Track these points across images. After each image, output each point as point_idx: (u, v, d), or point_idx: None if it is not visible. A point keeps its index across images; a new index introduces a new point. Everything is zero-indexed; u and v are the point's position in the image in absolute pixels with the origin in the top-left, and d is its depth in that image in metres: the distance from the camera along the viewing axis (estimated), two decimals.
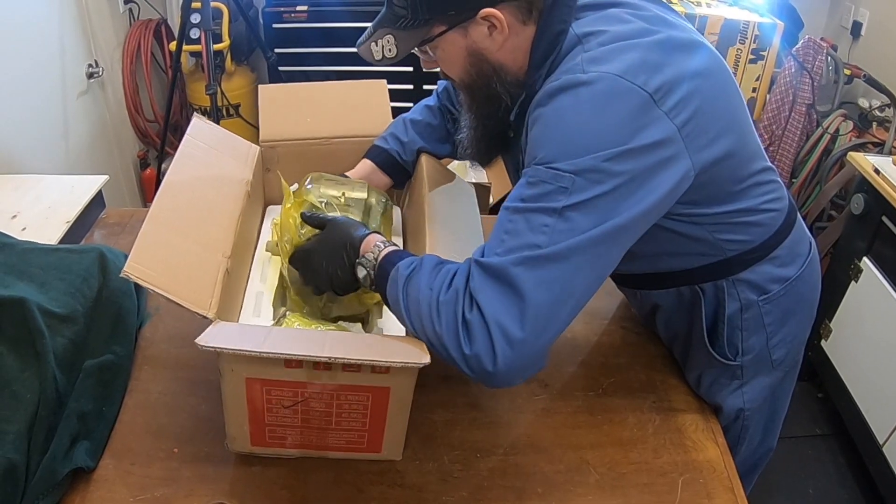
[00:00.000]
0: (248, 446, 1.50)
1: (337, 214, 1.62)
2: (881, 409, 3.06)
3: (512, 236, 1.25)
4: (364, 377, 1.34)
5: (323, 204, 1.68)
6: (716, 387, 1.73)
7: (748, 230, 1.51)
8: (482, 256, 1.27)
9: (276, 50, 3.94)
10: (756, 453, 1.91)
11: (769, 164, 1.52)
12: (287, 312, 1.58)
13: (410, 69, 4.02)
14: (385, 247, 1.45)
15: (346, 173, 1.88)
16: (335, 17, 3.89)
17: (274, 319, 1.60)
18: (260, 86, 1.88)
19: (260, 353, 1.24)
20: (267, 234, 1.84)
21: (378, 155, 1.91)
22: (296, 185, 1.75)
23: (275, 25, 3.93)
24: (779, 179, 1.55)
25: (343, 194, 1.73)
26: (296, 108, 1.87)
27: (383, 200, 1.79)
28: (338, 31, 3.91)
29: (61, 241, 2.09)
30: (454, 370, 1.25)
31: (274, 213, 1.91)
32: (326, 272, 1.52)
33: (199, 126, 1.77)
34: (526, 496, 1.51)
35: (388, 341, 1.30)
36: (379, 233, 1.54)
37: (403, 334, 1.44)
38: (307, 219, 1.62)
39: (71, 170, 3.31)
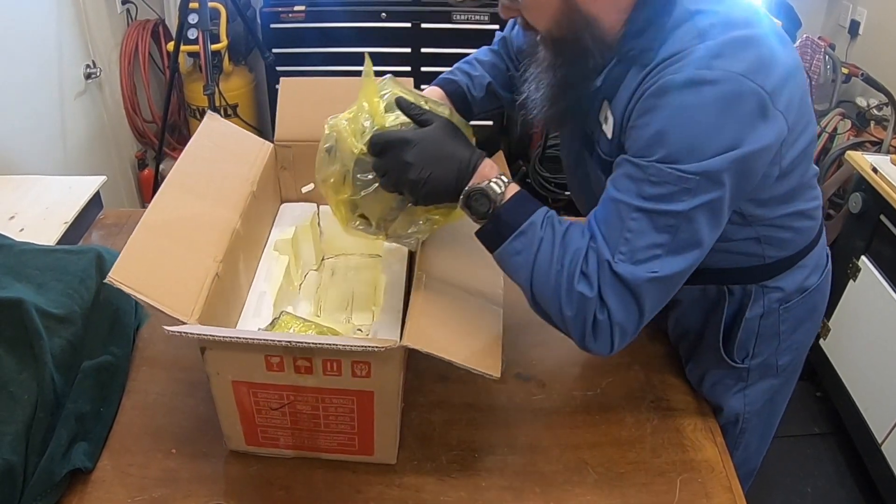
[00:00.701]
0: (243, 445, 1.51)
1: (443, 115, 1.45)
2: (880, 407, 3.07)
3: (636, 236, 1.26)
4: (346, 381, 1.33)
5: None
6: (720, 388, 1.74)
7: (792, 236, 1.51)
8: (610, 256, 1.27)
9: (274, 50, 3.95)
10: (752, 459, 1.92)
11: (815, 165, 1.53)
12: (283, 314, 1.57)
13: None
14: (508, 183, 1.36)
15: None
16: (333, 16, 3.90)
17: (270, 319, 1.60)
18: (282, 79, 1.86)
19: (214, 336, 1.24)
20: (277, 233, 1.83)
21: (449, 84, 1.79)
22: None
23: (272, 25, 3.93)
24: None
25: (427, 103, 1.48)
26: (315, 105, 1.84)
27: (465, 124, 1.53)
28: (336, 30, 3.92)
29: (59, 242, 2.09)
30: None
31: (288, 210, 1.91)
32: (423, 172, 1.34)
33: (210, 125, 1.76)
34: (524, 496, 1.50)
35: (367, 342, 1.26)
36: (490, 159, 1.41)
37: (396, 338, 1.43)
38: (405, 106, 1.43)
39: (69, 170, 3.32)
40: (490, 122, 4.37)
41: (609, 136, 1.39)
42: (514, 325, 1.76)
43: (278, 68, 3.93)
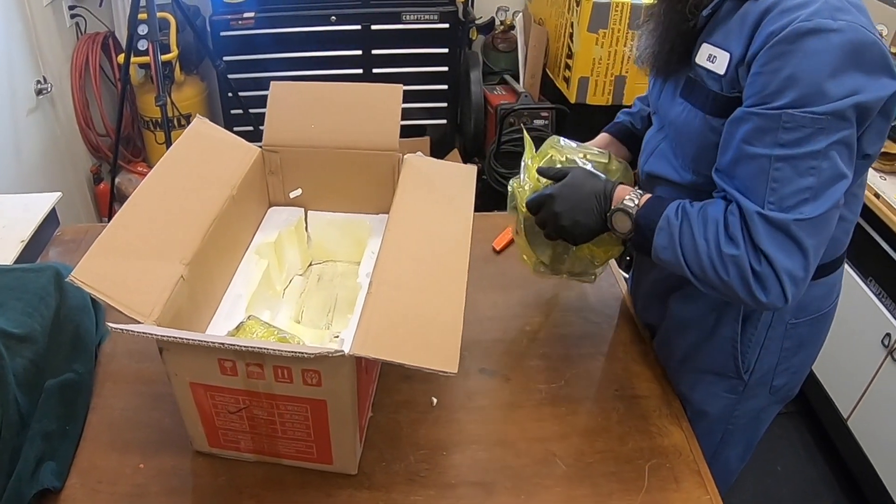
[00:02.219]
0: (206, 446, 1.51)
1: (578, 167, 1.66)
2: (843, 384, 3.11)
3: (782, 184, 1.31)
4: (297, 388, 1.33)
5: (567, 161, 1.73)
6: (710, 396, 1.75)
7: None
8: (760, 207, 1.33)
9: (226, 58, 3.93)
10: (730, 474, 1.94)
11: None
12: (249, 318, 1.57)
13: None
14: (641, 195, 1.52)
15: (587, 144, 1.91)
16: (283, 22, 3.91)
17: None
18: (272, 83, 1.85)
19: (159, 336, 1.23)
20: (261, 237, 1.83)
21: (612, 126, 1.99)
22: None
23: (223, 33, 3.92)
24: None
25: (585, 155, 1.75)
26: (304, 110, 1.84)
27: (622, 167, 1.78)
28: (286, 35, 3.93)
29: (16, 261, 2.07)
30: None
31: (275, 214, 1.90)
32: (571, 217, 1.56)
33: (197, 128, 1.74)
34: (494, 491, 1.51)
35: (313, 350, 1.26)
36: (624, 183, 1.60)
37: (368, 347, 1.42)
38: (543, 172, 1.67)
39: (24, 188, 3.29)
40: (444, 121, 4.40)
41: (721, 72, 1.42)
42: (476, 322, 1.76)
43: (230, 76, 3.92)
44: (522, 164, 1.76)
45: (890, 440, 2.87)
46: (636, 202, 1.50)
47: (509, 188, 1.77)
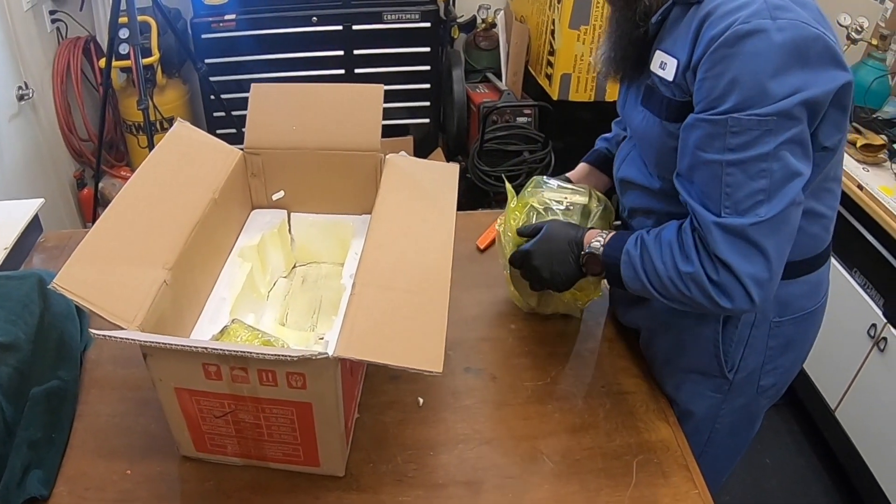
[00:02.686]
0: (193, 451, 1.51)
1: (549, 219, 1.75)
2: (830, 375, 3.12)
3: (735, 189, 1.33)
4: (282, 391, 1.33)
5: (545, 210, 1.80)
6: (696, 395, 1.75)
7: (803, 238, 1.52)
8: (716, 216, 1.35)
9: (207, 60, 3.92)
10: (719, 475, 1.94)
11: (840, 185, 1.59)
12: (234, 321, 1.56)
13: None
14: (607, 235, 1.60)
15: (568, 175, 2.00)
16: (264, 23, 3.90)
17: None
18: (253, 85, 1.85)
19: (142, 341, 1.24)
20: (245, 239, 1.82)
21: (591, 155, 2.04)
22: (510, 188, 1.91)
23: (204, 36, 3.91)
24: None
25: (565, 198, 1.83)
26: (285, 112, 1.84)
27: (602, 205, 1.84)
28: (268, 37, 3.92)
29: (0, 269, 2.06)
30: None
31: (258, 217, 1.90)
32: (549, 269, 1.66)
33: (177, 132, 1.73)
34: (482, 490, 1.51)
35: (296, 353, 1.27)
36: (594, 228, 1.69)
37: (352, 348, 1.42)
38: (521, 232, 1.75)
39: (6, 195, 3.27)
40: (427, 120, 4.40)
41: (670, 78, 1.43)
42: (461, 321, 1.76)
43: (212, 78, 3.91)
44: (506, 207, 1.85)
45: (877, 430, 2.88)
46: (601, 242, 1.59)
47: (497, 227, 1.88)
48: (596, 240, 1.59)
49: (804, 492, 3.21)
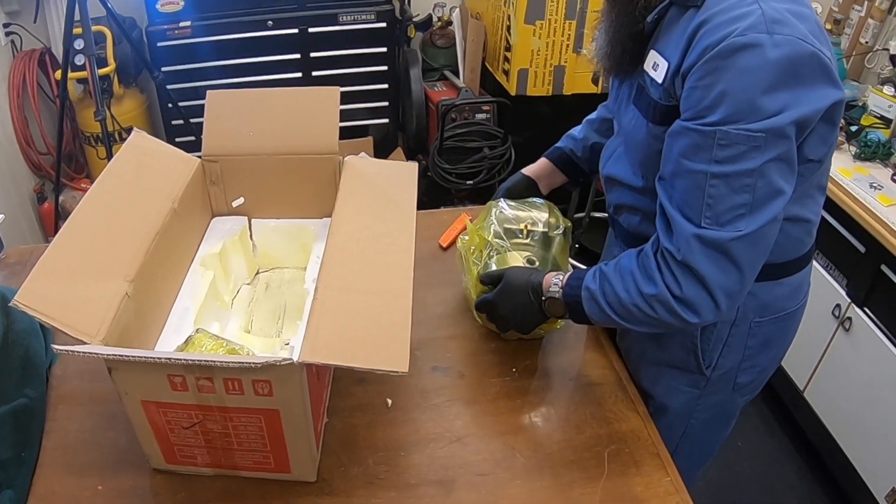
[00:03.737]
0: (163, 464, 1.50)
1: (510, 266, 1.75)
2: (798, 357, 3.15)
3: (717, 201, 1.33)
4: (249, 399, 1.32)
5: (503, 248, 1.82)
6: (672, 390, 1.77)
7: (783, 241, 1.52)
8: (696, 227, 1.35)
9: (165, 68, 3.90)
10: (694, 469, 1.96)
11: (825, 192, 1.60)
12: (198, 331, 1.56)
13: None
14: (564, 276, 1.62)
15: (525, 171, 2.04)
16: (220, 29, 3.88)
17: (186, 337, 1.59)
18: (209, 92, 1.83)
19: (105, 355, 1.24)
20: (206, 248, 1.81)
21: (553, 152, 2.06)
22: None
23: (160, 44, 3.89)
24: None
25: (525, 228, 1.85)
26: (242, 118, 1.83)
27: (561, 229, 1.88)
28: (224, 43, 3.91)
29: None
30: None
31: (219, 224, 1.88)
32: (514, 318, 1.69)
33: (134, 143, 1.72)
34: (455, 488, 1.51)
35: (259, 360, 1.26)
36: (552, 271, 1.68)
37: (316, 353, 1.41)
38: (484, 280, 1.76)
39: None
40: (386, 120, 4.39)
41: (660, 80, 1.42)
42: (427, 319, 1.76)
43: (170, 86, 3.88)
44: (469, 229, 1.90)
45: (846, 408, 2.91)
46: (559, 285, 1.61)
47: (459, 247, 1.92)
48: (554, 283, 1.61)
49: (777, 473, 3.24)
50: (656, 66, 1.43)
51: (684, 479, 1.57)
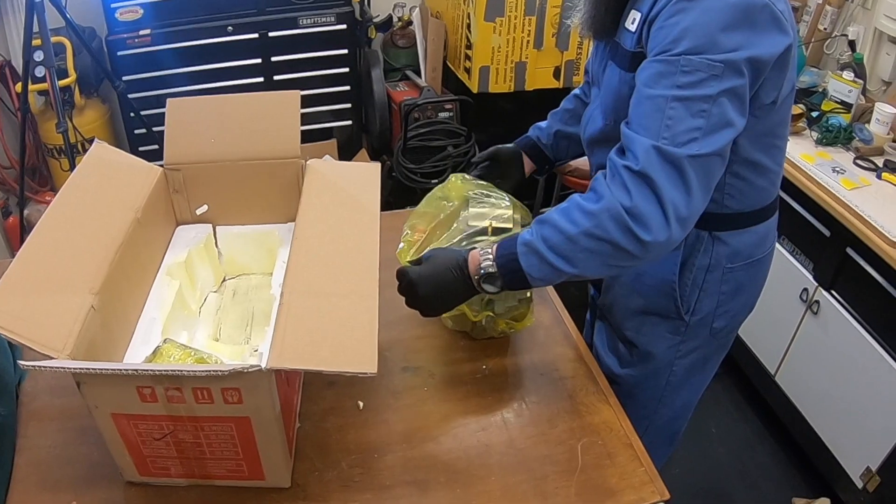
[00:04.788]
0: (137, 476, 1.49)
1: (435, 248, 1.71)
2: (768, 342, 3.18)
3: (675, 122, 1.39)
4: (219, 408, 1.32)
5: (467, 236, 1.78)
6: (655, 337, 1.83)
7: (750, 190, 1.63)
8: (655, 141, 1.39)
9: (126, 77, 3.87)
10: (677, 420, 1.98)
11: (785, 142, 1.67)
12: (166, 341, 1.55)
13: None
14: (492, 247, 1.57)
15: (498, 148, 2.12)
16: (179, 36, 3.86)
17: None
18: (169, 100, 1.83)
19: (72, 369, 1.24)
20: (171, 257, 1.80)
21: (522, 140, 2.16)
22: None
23: (120, 53, 3.85)
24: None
25: (491, 225, 1.80)
26: (203, 125, 1.82)
27: (524, 224, 1.87)
28: (184, 50, 3.88)
29: None
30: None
31: (183, 233, 1.87)
32: (436, 297, 1.61)
33: (96, 153, 1.71)
34: (430, 487, 1.52)
35: (226, 368, 1.25)
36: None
37: (284, 358, 1.41)
38: (412, 262, 1.69)
39: None
40: (349, 122, 4.39)
41: (633, 29, 1.54)
42: (395, 321, 1.76)
43: (131, 95, 3.86)
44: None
45: (817, 389, 2.95)
46: (491, 255, 1.55)
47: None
48: (484, 257, 1.56)
49: (751, 456, 3.26)
50: (634, 21, 1.54)
51: (669, 436, 1.59)
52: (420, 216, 1.91)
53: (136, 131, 4.01)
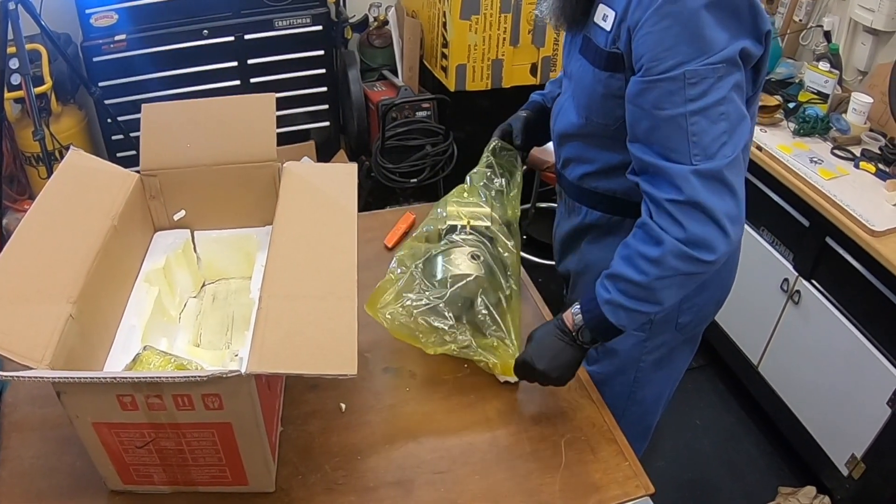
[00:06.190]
0: (120, 484, 1.49)
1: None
2: (750, 333, 3.19)
3: (701, 136, 1.39)
4: (200, 414, 1.32)
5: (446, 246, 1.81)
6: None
7: None
8: (688, 166, 1.40)
9: (103, 83, 3.85)
10: (647, 416, 1.98)
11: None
12: (145, 348, 1.54)
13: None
14: (575, 306, 1.60)
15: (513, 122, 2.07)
16: (155, 41, 3.83)
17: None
18: (144, 105, 1.81)
19: (43, 378, 1.23)
20: (150, 263, 1.79)
21: (529, 105, 2.11)
22: None
23: (96, 59, 3.83)
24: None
25: (468, 222, 1.87)
26: (178, 130, 1.81)
27: (503, 221, 1.92)
28: (160, 54, 3.86)
29: None
30: (320, 378, 1.25)
31: (161, 239, 1.86)
32: (553, 367, 1.59)
33: (71, 161, 1.70)
34: (414, 488, 1.52)
35: (205, 373, 1.25)
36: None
37: (264, 363, 1.41)
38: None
39: None
40: (327, 123, 4.38)
41: (608, 28, 1.52)
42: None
43: (108, 101, 3.83)
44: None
45: (799, 378, 2.97)
46: (579, 312, 1.58)
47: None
48: (575, 317, 1.58)
49: (736, 447, 3.27)
50: (605, 18, 1.52)
51: (643, 432, 1.59)
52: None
53: (114, 137, 3.99)
